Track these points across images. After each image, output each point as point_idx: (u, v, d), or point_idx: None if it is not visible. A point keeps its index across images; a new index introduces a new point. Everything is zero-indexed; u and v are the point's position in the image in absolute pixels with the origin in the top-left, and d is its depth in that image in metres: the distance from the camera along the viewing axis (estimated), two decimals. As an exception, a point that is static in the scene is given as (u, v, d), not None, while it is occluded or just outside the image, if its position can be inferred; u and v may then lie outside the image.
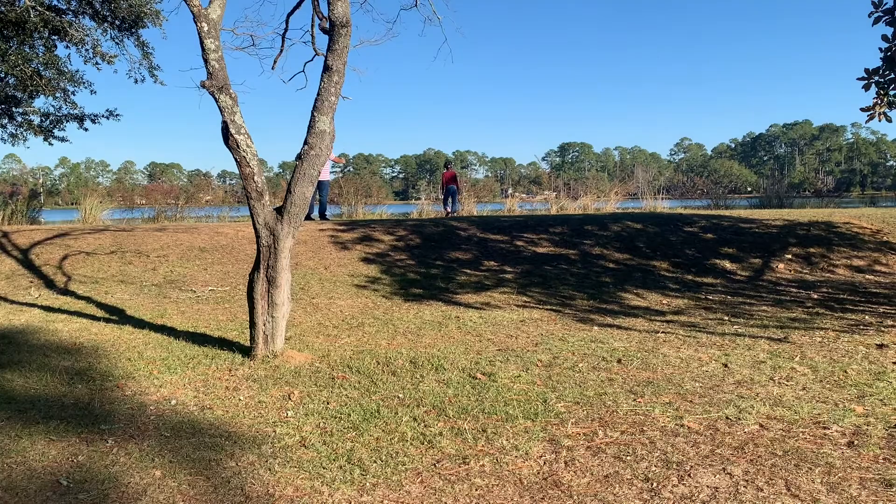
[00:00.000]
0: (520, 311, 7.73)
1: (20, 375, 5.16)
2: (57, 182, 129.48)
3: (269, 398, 4.59)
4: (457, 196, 20.03)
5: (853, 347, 5.84)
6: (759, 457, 3.50)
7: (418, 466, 3.49)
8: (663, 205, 20.34)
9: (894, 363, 5.29)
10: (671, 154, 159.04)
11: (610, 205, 21.00)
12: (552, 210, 20.54)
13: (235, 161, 5.22)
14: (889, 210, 15.47)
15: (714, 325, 6.94)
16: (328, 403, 4.45)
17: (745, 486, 3.17)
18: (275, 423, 4.12)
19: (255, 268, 5.49)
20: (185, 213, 20.56)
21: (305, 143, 5.28)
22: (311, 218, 14.65)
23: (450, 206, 19.83)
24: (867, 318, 7.17)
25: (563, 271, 9.87)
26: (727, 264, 10.18)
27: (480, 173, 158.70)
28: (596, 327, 6.92)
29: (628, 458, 3.54)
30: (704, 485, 3.20)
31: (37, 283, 9.39)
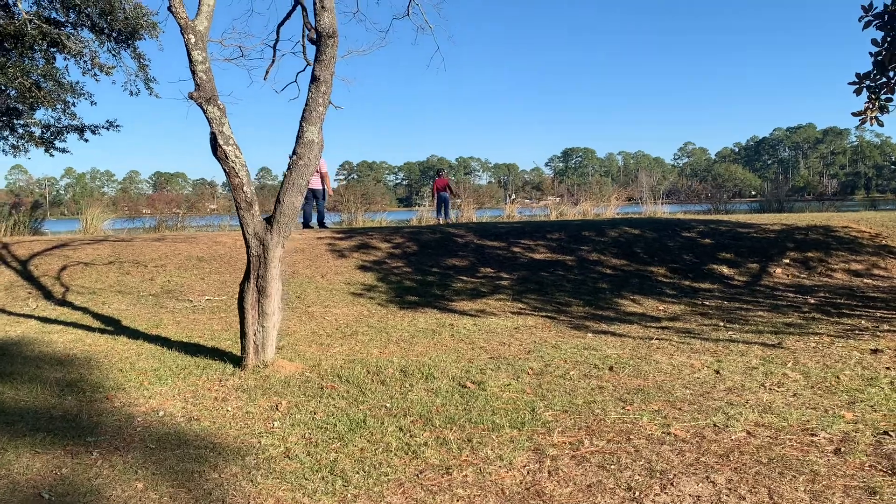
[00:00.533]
0: (514, 319, 7.71)
1: (11, 387, 5.17)
2: (62, 192, 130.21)
3: (257, 409, 4.58)
4: (449, 203, 19.94)
5: (847, 353, 5.80)
6: (743, 465, 3.48)
7: (401, 477, 3.47)
8: (663, 210, 20.31)
9: (888, 368, 5.26)
10: (675, 158, 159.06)
11: (610, 210, 20.98)
12: (551, 216, 20.51)
13: (224, 171, 5.23)
14: (889, 213, 15.41)
15: (709, 331, 6.91)
16: (315, 414, 4.44)
17: (728, 495, 3.15)
18: (260, 433, 4.11)
19: (246, 277, 5.49)
20: (186, 223, 20.61)
21: (294, 153, 5.29)
22: (311, 226, 14.67)
23: (442, 215, 19.72)
24: (863, 322, 7.14)
25: (559, 278, 9.85)
26: (725, 269, 10.15)
27: (484, 179, 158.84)
28: (590, 334, 6.90)
29: (612, 466, 3.52)
30: (687, 493, 3.18)
31: (35, 294, 9.40)
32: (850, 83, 6.92)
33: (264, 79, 6.70)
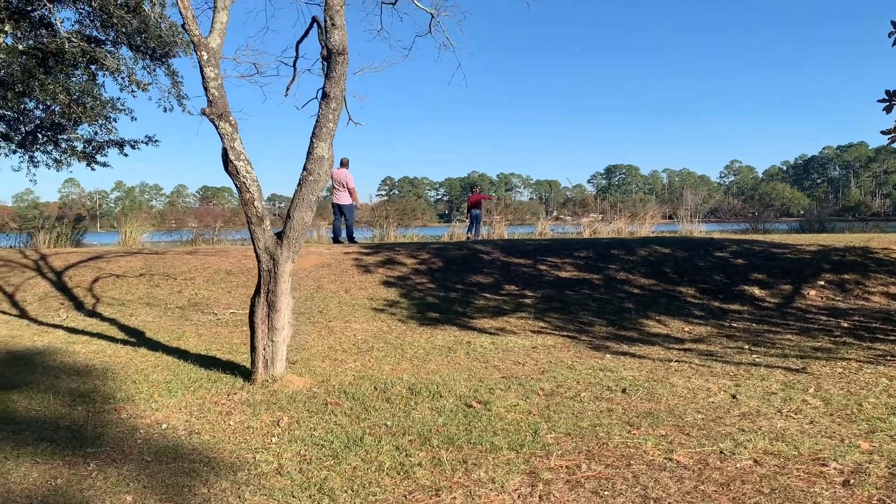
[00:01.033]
0: (534, 338, 7.62)
1: (26, 397, 5.27)
2: (113, 205, 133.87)
3: (259, 423, 4.58)
4: (480, 220, 19.77)
5: (874, 379, 5.58)
6: (743, 494, 3.35)
7: (389, 497, 3.43)
8: (700, 229, 19.92)
9: (913, 397, 5.03)
10: (721, 177, 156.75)
11: (644, 228, 20.67)
12: (584, 233, 20.29)
13: (235, 187, 5.29)
14: (936, 234, 14.88)
15: (732, 354, 6.72)
16: (314, 430, 4.42)
17: (721, 527, 3.03)
18: (257, 449, 4.11)
19: (256, 292, 5.53)
20: (222, 236, 20.94)
21: (304, 168, 5.32)
22: (340, 241, 14.77)
23: (472, 231, 19.61)
24: (896, 348, 6.87)
25: (584, 296, 9.72)
26: (756, 290, 9.89)
27: (525, 196, 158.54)
28: (609, 355, 6.77)
29: (606, 493, 3.43)
30: (678, 524, 3.07)
31: (66, 304, 9.63)
32: (880, 100, 6.69)
33: (285, 95, 6.78)
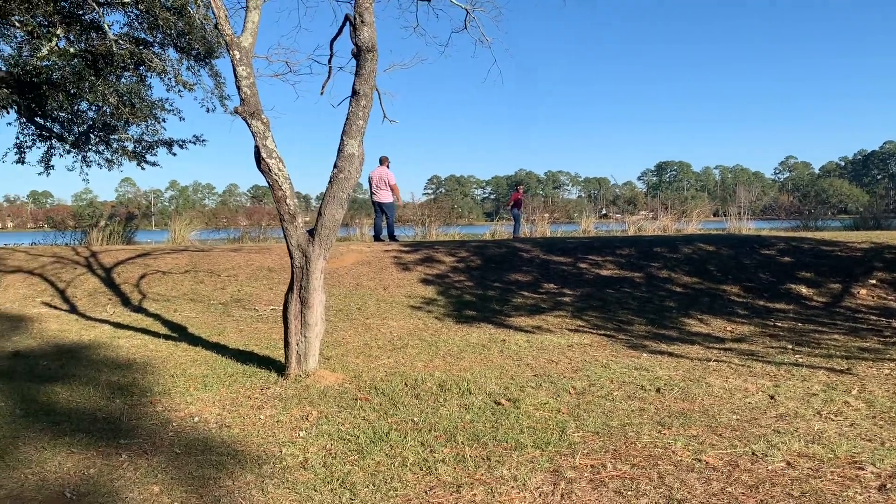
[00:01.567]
0: (570, 336, 7.54)
1: (67, 389, 5.43)
2: (167, 204, 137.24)
3: (288, 418, 4.64)
4: (520, 218, 19.74)
5: (923, 381, 5.37)
6: (771, 497, 3.26)
7: (409, 493, 3.43)
8: (749, 226, 19.46)
9: (963, 400, 4.83)
10: (776, 173, 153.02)
11: (691, 226, 20.27)
12: (629, 231, 20.01)
13: (268, 184, 5.35)
14: None
15: (774, 354, 6.55)
16: (342, 425, 4.46)
17: (745, 530, 2.95)
18: (284, 443, 4.16)
19: (290, 289, 5.59)
20: (268, 234, 21.25)
21: (335, 166, 5.36)
22: (381, 239, 14.86)
23: (513, 229, 19.62)
24: (949, 349, 6.60)
25: (625, 295, 9.58)
26: (803, 289, 9.62)
27: (573, 193, 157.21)
28: (645, 354, 6.66)
29: (629, 493, 3.37)
30: (701, 526, 3.00)
31: (114, 300, 9.89)
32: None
33: (321, 93, 6.84)
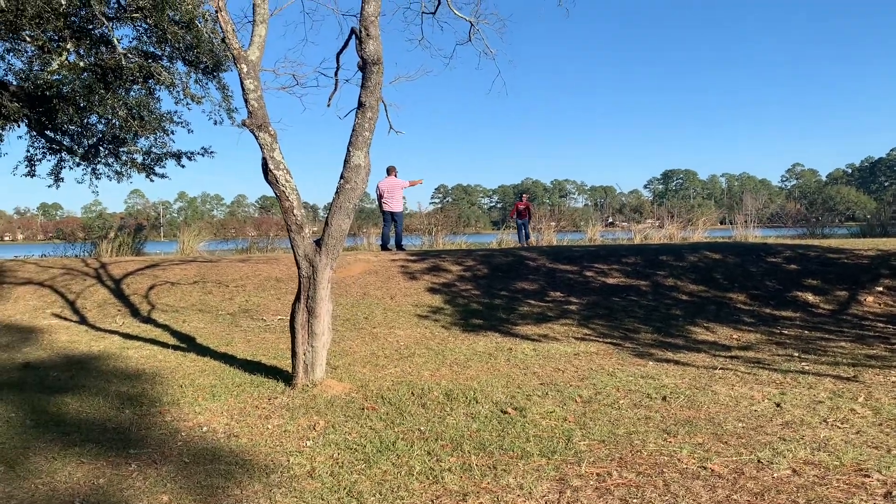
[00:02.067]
0: (576, 344, 7.55)
1: (77, 399, 5.47)
2: (176, 215, 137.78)
3: (296, 427, 4.66)
4: (524, 227, 19.70)
5: (930, 388, 5.36)
6: (777, 505, 3.26)
7: (416, 502, 3.45)
8: (755, 234, 19.41)
9: (970, 407, 4.82)
10: (782, 180, 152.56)
11: (697, 234, 20.24)
12: (635, 240, 19.99)
13: (275, 195, 5.40)
14: None
15: (780, 362, 6.54)
16: (349, 434, 4.48)
17: (750, 538, 2.95)
18: (291, 452, 4.18)
19: (297, 298, 5.63)
20: (276, 245, 21.31)
21: (341, 177, 5.40)
22: (388, 248, 14.91)
23: (521, 238, 19.60)
24: (956, 356, 6.58)
25: (631, 303, 9.58)
26: (810, 297, 9.59)
27: (580, 202, 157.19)
28: (652, 362, 6.67)
29: (634, 500, 3.38)
30: (706, 534, 3.01)
31: (123, 311, 9.95)
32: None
33: (328, 105, 6.90)
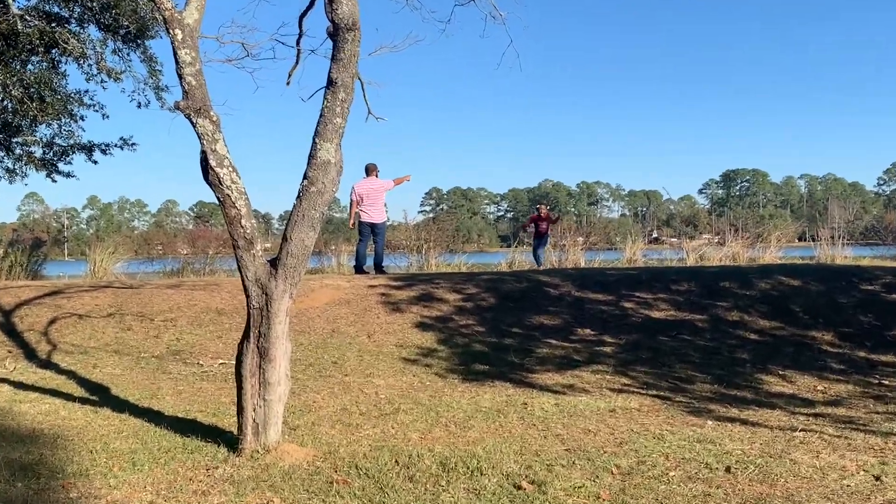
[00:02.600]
0: (612, 398, 7.57)
1: (-48, 470, 5.43)
2: (84, 226, 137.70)
3: (243, 507, 4.64)
4: (542, 242, 19.36)
5: None
6: None
7: None
8: (844, 254, 19.50)
9: None
10: (879, 184, 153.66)
11: (769, 254, 20.29)
12: (688, 261, 20.04)
13: (217, 200, 5.40)
14: None
15: (880, 422, 6.57)
16: (313, 516, 4.46)
17: None
18: (237, 541, 4.16)
19: (245, 336, 5.61)
20: (216, 265, 21.29)
21: (305, 177, 5.40)
22: (364, 271, 14.92)
23: (537, 258, 19.23)
24: None
25: (683, 343, 9.63)
26: (918, 336, 9.67)
27: (615, 211, 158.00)
28: (711, 422, 6.68)
29: None
30: None
31: (15, 352, 9.93)
32: None
33: (287, 84, 6.92)
